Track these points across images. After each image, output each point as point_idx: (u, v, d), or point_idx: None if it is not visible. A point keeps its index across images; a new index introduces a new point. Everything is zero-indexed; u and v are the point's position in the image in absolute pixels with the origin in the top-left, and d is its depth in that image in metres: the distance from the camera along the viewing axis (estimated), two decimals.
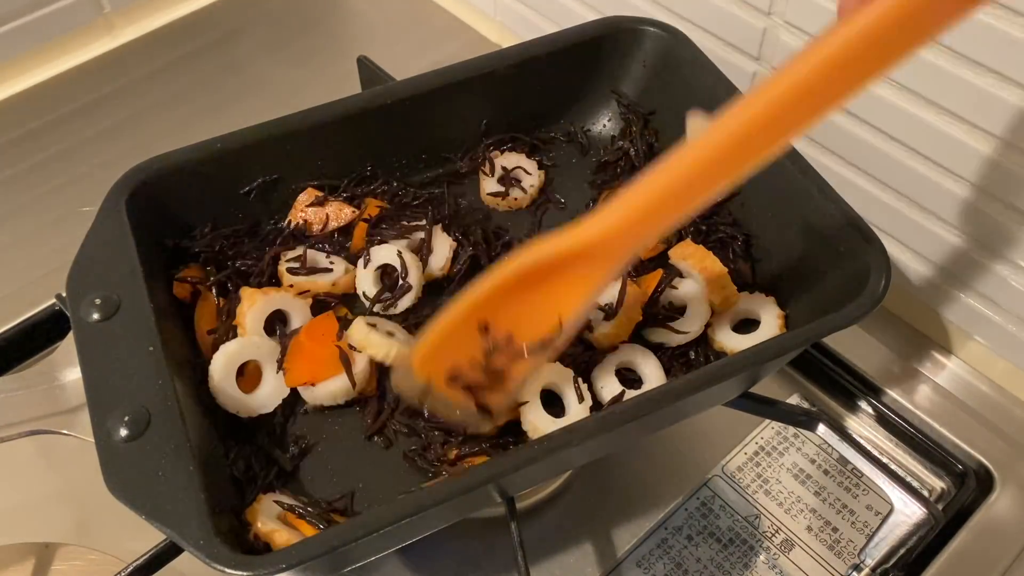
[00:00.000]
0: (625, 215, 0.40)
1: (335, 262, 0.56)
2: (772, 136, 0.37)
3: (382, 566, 0.56)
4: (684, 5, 0.68)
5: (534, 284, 0.42)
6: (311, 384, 0.51)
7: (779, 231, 0.56)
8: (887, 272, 0.48)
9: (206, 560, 0.39)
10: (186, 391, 0.47)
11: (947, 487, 0.62)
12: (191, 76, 0.87)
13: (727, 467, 0.61)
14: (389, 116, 0.59)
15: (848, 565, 0.57)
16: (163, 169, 0.53)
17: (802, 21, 0.60)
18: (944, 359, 0.66)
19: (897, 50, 0.34)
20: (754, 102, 0.36)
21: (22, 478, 0.61)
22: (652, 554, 0.57)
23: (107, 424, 0.42)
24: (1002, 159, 0.54)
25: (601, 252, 0.41)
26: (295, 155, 0.57)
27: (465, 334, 0.44)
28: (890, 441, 0.63)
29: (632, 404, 0.45)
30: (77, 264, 0.48)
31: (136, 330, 0.46)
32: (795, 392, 0.65)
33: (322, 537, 0.40)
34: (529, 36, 0.63)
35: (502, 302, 0.43)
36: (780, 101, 0.35)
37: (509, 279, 0.42)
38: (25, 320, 0.67)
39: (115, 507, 0.40)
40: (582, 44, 0.62)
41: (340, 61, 0.85)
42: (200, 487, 0.41)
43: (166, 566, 0.49)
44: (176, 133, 0.80)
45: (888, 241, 0.62)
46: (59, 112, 0.83)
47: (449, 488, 0.41)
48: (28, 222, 0.75)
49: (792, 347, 0.48)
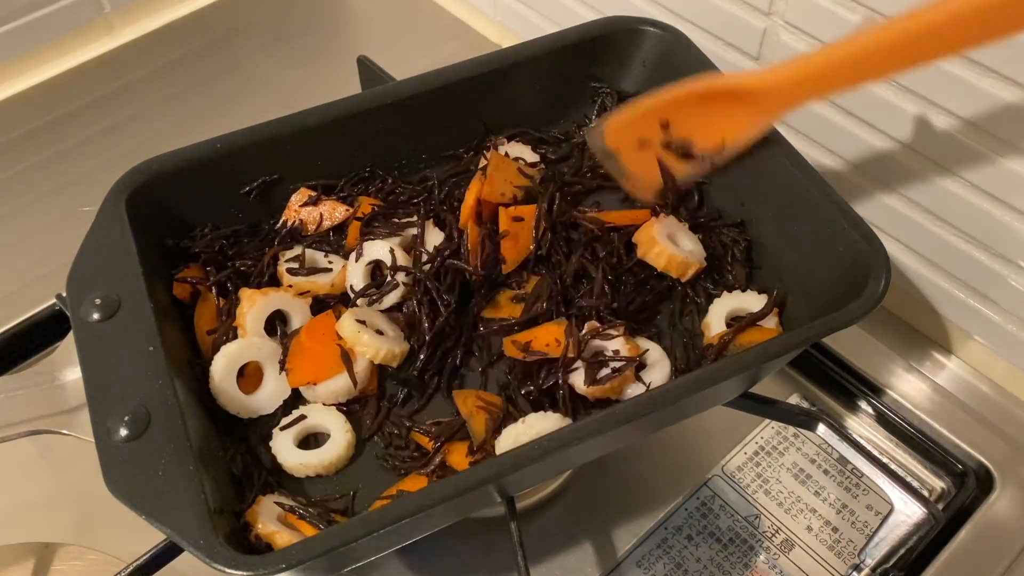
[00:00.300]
0: (793, 74, 0.47)
1: (334, 261, 0.56)
2: (936, 46, 0.42)
3: (382, 566, 0.56)
4: (684, 5, 0.68)
5: (711, 105, 0.52)
6: (313, 384, 0.51)
7: (779, 231, 0.56)
8: (887, 272, 0.48)
9: (206, 560, 0.38)
10: (186, 391, 0.47)
11: (947, 487, 0.62)
12: (191, 76, 0.87)
13: (727, 467, 0.61)
14: (389, 116, 0.59)
15: (848, 565, 0.57)
16: (163, 169, 0.53)
17: (802, 21, 0.60)
18: (944, 359, 0.66)
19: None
20: (929, 11, 0.41)
21: (22, 478, 0.61)
22: (652, 554, 0.57)
23: (107, 424, 0.42)
24: (1002, 159, 0.54)
25: (767, 99, 0.50)
26: (295, 155, 0.57)
27: (651, 123, 0.55)
28: (890, 441, 0.63)
29: (632, 404, 0.45)
30: (77, 264, 0.48)
31: (136, 330, 0.46)
32: (795, 392, 0.65)
33: (322, 537, 0.40)
34: (529, 36, 0.63)
35: (683, 109, 0.53)
36: (955, 14, 0.40)
37: (692, 94, 0.52)
38: (25, 320, 0.67)
39: (115, 507, 0.40)
40: (582, 44, 0.62)
41: (340, 61, 0.85)
42: (200, 487, 0.41)
43: (166, 566, 0.49)
44: (176, 133, 0.80)
45: (888, 241, 0.62)
46: (59, 112, 0.83)
47: (449, 488, 0.41)
48: (28, 222, 0.75)
49: (792, 347, 0.48)
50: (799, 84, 0.48)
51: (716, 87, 0.52)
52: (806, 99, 0.50)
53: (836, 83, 0.48)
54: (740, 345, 0.53)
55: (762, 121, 0.52)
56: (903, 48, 0.43)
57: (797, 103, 0.50)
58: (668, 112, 0.54)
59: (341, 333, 0.51)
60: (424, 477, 0.49)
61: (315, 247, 0.57)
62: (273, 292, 0.53)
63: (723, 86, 0.52)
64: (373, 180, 0.61)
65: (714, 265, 0.57)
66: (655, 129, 0.55)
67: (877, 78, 0.51)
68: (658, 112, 0.54)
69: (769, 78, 0.49)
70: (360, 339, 0.51)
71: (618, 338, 0.51)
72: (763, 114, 0.51)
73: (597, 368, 0.51)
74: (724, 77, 0.54)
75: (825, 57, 0.46)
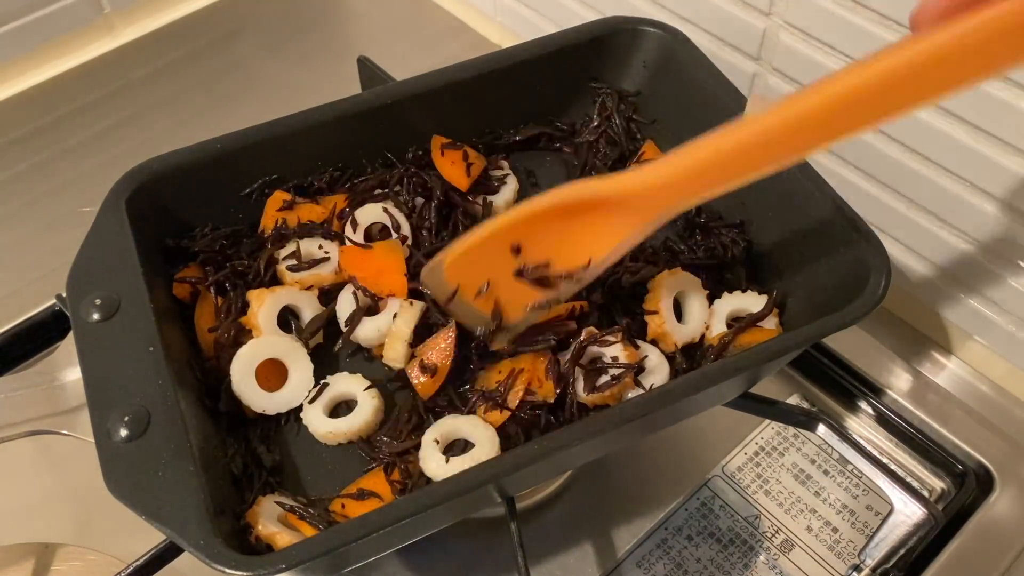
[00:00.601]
0: (666, 174, 0.41)
1: (329, 249, 0.56)
2: (822, 133, 0.37)
3: (382, 566, 0.56)
4: (684, 5, 0.68)
5: (570, 219, 0.45)
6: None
7: (779, 231, 0.56)
8: (887, 272, 0.48)
9: (206, 560, 0.38)
10: (186, 391, 0.47)
11: (947, 487, 0.62)
12: (191, 76, 0.87)
13: (727, 467, 0.61)
14: (389, 116, 0.59)
15: (848, 565, 0.57)
16: (163, 169, 0.53)
17: (802, 21, 0.60)
18: (944, 359, 0.66)
19: (963, 76, 0.33)
20: (813, 95, 0.36)
21: (22, 478, 0.61)
22: (652, 554, 0.57)
23: (107, 424, 0.42)
24: (1002, 159, 0.54)
25: (637, 204, 0.43)
26: (295, 155, 0.57)
27: (499, 250, 0.47)
28: (890, 441, 0.63)
29: (632, 404, 0.45)
30: (77, 264, 0.48)
31: (136, 330, 0.46)
32: (795, 392, 0.65)
33: (322, 537, 0.40)
34: (529, 36, 0.63)
35: (538, 228, 0.46)
36: (840, 99, 0.35)
37: (548, 209, 0.45)
38: (25, 320, 0.67)
39: (115, 507, 0.40)
40: (582, 44, 0.62)
41: (340, 61, 0.85)
42: (200, 487, 0.41)
43: (166, 566, 0.49)
44: (176, 133, 0.80)
45: (888, 241, 0.62)
46: (59, 112, 0.83)
47: (449, 488, 0.41)
48: (28, 222, 0.75)
49: (792, 347, 0.48)
50: (677, 184, 0.41)
51: (577, 198, 0.44)
52: (689, 199, 0.42)
53: (724, 177, 0.40)
54: (740, 346, 0.53)
55: (635, 231, 0.44)
56: (803, 129, 0.37)
57: (678, 205, 0.43)
58: (519, 234, 0.46)
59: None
60: (382, 477, 0.49)
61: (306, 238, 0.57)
62: (280, 289, 0.53)
63: (585, 196, 0.44)
64: (344, 176, 0.60)
65: (714, 266, 0.57)
66: (506, 257, 0.47)
67: (780, 163, 0.39)
68: (506, 235, 0.46)
69: (640, 181, 0.42)
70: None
71: (616, 344, 0.51)
72: (635, 223, 0.44)
73: (596, 376, 0.50)
74: (586, 186, 0.44)
75: (708, 151, 0.40)
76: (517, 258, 0.47)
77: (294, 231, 0.57)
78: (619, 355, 0.50)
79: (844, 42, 0.58)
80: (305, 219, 0.57)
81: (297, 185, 0.59)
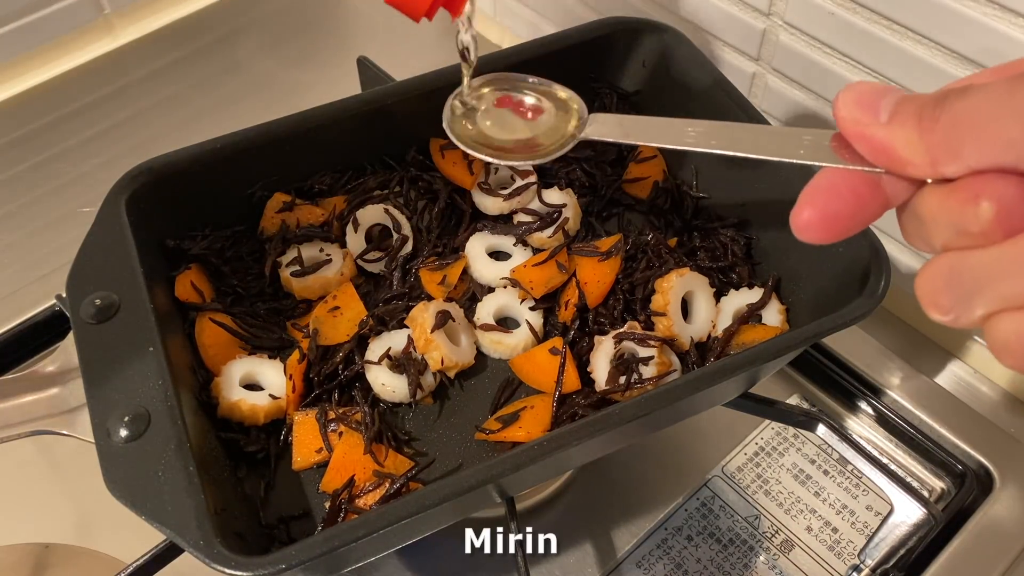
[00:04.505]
0: None
1: (331, 252, 0.56)
2: None
3: (382, 566, 0.56)
4: (684, 5, 0.68)
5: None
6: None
7: (779, 231, 0.56)
8: (887, 272, 0.48)
9: (206, 560, 0.39)
10: (186, 391, 0.47)
11: (947, 487, 0.62)
12: (191, 76, 0.87)
13: (727, 467, 0.61)
14: (389, 116, 0.59)
15: (848, 566, 0.57)
16: (163, 169, 0.53)
17: (802, 21, 0.60)
18: (944, 359, 0.66)
19: None
20: None
21: (22, 478, 0.61)
22: (652, 554, 0.57)
23: (107, 424, 0.42)
24: None
25: None
26: (295, 155, 0.57)
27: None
28: (890, 441, 0.63)
29: (632, 404, 0.45)
30: (77, 264, 0.48)
31: (136, 330, 0.46)
32: (795, 392, 0.65)
33: (322, 537, 0.40)
34: (529, 37, 0.63)
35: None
36: None
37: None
38: (25, 320, 0.67)
39: (115, 507, 0.40)
40: (582, 44, 0.62)
41: (340, 61, 0.85)
42: (200, 487, 0.41)
43: (166, 566, 0.49)
44: (176, 133, 0.80)
45: (888, 241, 0.62)
46: (59, 112, 0.83)
47: (449, 488, 0.41)
48: (28, 222, 0.75)
49: (792, 347, 0.48)
50: None
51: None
52: None
53: None
54: (742, 344, 0.53)
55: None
56: None
57: None
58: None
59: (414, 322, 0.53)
60: (359, 438, 0.49)
61: (305, 243, 0.57)
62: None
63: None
64: (343, 178, 0.61)
65: (718, 266, 0.57)
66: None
67: None
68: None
69: None
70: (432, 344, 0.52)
71: (654, 348, 0.52)
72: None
73: (620, 370, 0.51)
74: None
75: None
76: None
77: (294, 235, 0.57)
78: (652, 359, 0.51)
79: (844, 42, 0.58)
80: (305, 221, 0.57)
81: (297, 187, 0.59)
